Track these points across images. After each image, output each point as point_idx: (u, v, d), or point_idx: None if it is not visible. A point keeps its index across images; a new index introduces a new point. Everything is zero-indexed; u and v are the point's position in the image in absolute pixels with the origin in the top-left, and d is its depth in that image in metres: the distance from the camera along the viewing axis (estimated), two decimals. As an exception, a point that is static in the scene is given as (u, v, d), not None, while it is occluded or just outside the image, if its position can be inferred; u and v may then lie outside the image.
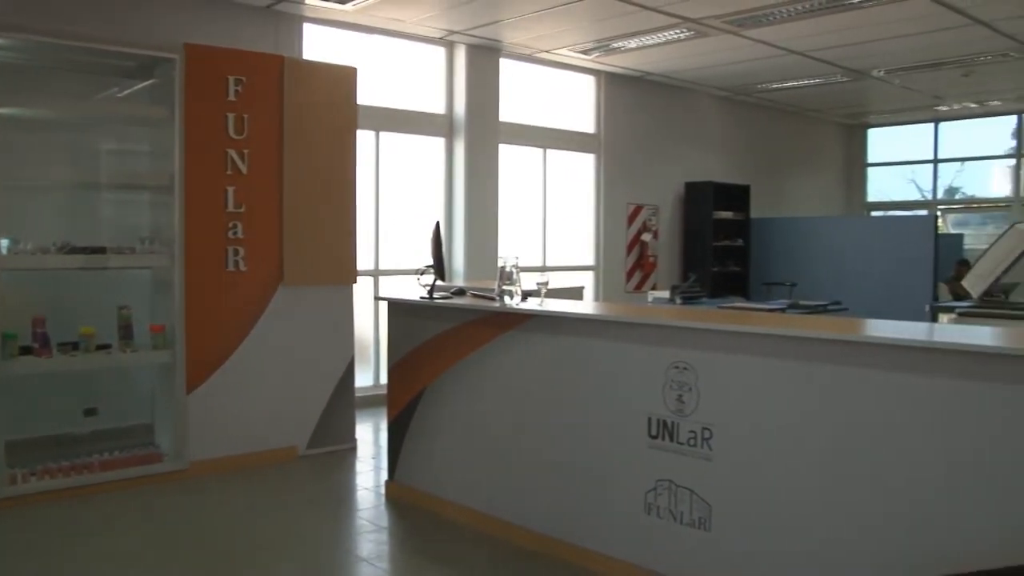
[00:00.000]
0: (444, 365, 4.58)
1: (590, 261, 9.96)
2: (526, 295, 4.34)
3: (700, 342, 3.41)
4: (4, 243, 4.82)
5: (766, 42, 8.19)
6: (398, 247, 8.04)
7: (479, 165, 8.48)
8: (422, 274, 4.81)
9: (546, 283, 4.35)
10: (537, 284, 4.35)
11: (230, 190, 5.47)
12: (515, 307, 4.18)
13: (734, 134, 11.62)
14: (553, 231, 9.49)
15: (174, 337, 5.27)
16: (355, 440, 6.15)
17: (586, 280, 9.71)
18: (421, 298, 4.73)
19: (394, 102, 8.04)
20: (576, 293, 6.65)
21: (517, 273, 4.28)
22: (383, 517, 4.70)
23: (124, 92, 5.72)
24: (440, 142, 8.47)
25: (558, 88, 9.49)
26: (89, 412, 5.36)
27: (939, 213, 12.36)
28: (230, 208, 5.47)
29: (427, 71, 8.37)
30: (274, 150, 5.67)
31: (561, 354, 3.96)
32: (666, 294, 7.40)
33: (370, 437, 6.48)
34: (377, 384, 7.78)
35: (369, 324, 7.79)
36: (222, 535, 4.37)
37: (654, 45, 8.32)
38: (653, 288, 9.97)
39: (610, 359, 3.75)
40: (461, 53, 8.35)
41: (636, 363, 3.63)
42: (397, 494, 4.94)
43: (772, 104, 11.84)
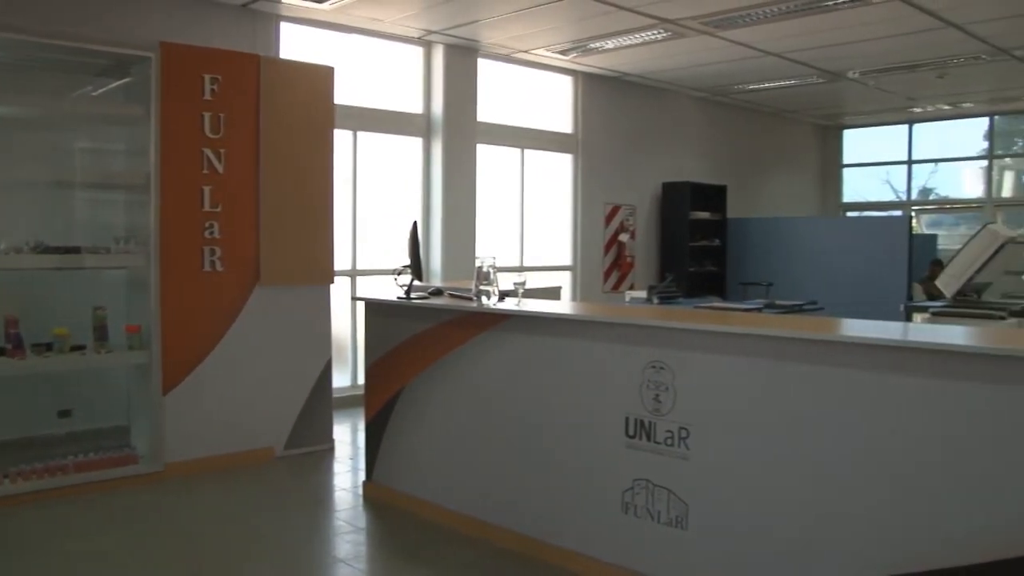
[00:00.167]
0: (422, 365, 4.58)
1: (568, 261, 9.98)
2: (503, 295, 4.35)
3: (677, 342, 3.43)
4: (-24, 243, 4.77)
5: (743, 43, 8.25)
6: (376, 247, 8.02)
7: (457, 165, 8.48)
8: (399, 274, 4.81)
9: (523, 283, 4.35)
10: (514, 284, 4.34)
11: (206, 189, 5.44)
12: (492, 307, 4.18)
13: (711, 134, 11.69)
14: (531, 231, 9.50)
15: (150, 338, 5.23)
16: (333, 441, 6.13)
17: (563, 280, 9.72)
18: (398, 298, 4.72)
19: (372, 102, 8.02)
20: (553, 293, 6.67)
21: (494, 273, 4.28)
22: (361, 518, 4.69)
23: (99, 91, 5.67)
24: (418, 142, 8.46)
25: (536, 88, 9.51)
26: (63, 414, 5.32)
27: (913, 214, 12.50)
28: (206, 208, 5.44)
29: (405, 71, 8.36)
30: (251, 149, 5.64)
31: (538, 354, 3.97)
32: (643, 294, 7.41)
33: (348, 438, 6.46)
34: (355, 384, 7.77)
35: (346, 324, 7.77)
36: (199, 537, 4.34)
37: (631, 46, 8.35)
38: (630, 288, 9.98)
39: (587, 359, 3.76)
40: (439, 53, 8.34)
41: (613, 363, 3.64)
42: (375, 495, 4.93)
43: (748, 105, 11.93)
